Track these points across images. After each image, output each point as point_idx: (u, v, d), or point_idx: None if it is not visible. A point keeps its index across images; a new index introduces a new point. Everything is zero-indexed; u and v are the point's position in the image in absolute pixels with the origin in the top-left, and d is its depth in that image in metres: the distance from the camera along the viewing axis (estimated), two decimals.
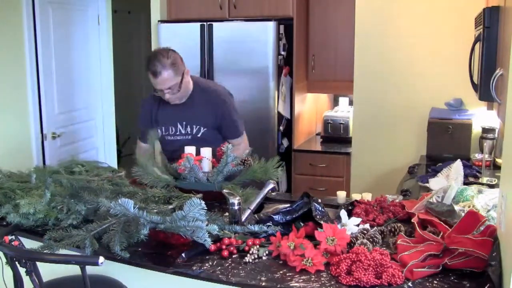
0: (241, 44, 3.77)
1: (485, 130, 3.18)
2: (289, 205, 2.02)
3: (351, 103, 4.03)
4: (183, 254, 1.76)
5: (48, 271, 1.87)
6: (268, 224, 1.93)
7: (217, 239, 1.84)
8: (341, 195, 2.36)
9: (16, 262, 1.69)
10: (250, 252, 1.77)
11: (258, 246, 1.80)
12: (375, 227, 1.93)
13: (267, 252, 1.79)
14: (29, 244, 1.90)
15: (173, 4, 4.08)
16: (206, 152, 2.40)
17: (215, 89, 2.76)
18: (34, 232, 2.02)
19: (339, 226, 1.87)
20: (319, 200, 1.99)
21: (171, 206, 1.93)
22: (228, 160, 2.26)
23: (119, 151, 5.07)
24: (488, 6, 2.15)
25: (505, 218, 1.48)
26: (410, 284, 1.55)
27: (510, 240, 1.41)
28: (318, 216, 1.91)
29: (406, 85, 3.65)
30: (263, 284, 1.60)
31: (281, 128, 3.89)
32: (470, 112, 3.42)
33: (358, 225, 1.94)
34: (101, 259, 1.57)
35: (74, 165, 2.42)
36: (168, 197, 2.05)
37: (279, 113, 3.84)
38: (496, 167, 3.01)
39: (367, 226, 1.93)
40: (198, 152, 2.41)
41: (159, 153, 3.65)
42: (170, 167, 2.39)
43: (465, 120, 3.36)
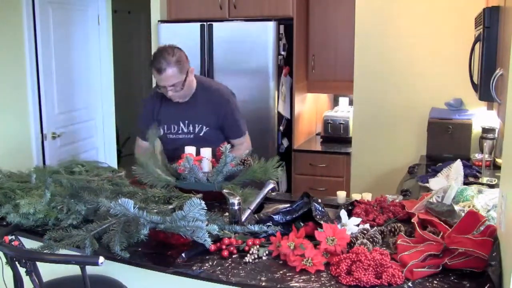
0: (241, 44, 3.77)
1: (485, 130, 3.18)
2: (289, 205, 2.02)
3: (351, 103, 4.03)
4: (183, 254, 1.76)
5: (48, 271, 1.87)
6: (268, 224, 1.93)
7: (217, 239, 1.84)
8: (341, 195, 2.36)
9: (16, 262, 1.69)
10: (250, 252, 1.77)
11: (258, 246, 1.80)
12: (375, 227, 1.93)
13: (267, 252, 1.79)
14: (29, 244, 1.90)
15: (173, 4, 4.08)
16: (206, 152, 2.40)
17: (218, 89, 2.75)
18: (34, 232, 2.02)
19: (339, 226, 1.87)
20: (319, 200, 1.99)
21: (171, 206, 1.93)
22: (228, 160, 2.26)
23: (119, 151, 5.07)
24: (488, 6, 2.15)
25: (505, 218, 1.48)
26: (410, 284, 1.55)
27: (510, 240, 1.41)
28: (318, 216, 1.91)
29: (406, 85, 3.65)
30: (263, 284, 1.60)
31: (281, 128, 3.89)
32: (470, 112, 3.42)
33: (358, 225, 1.94)
34: (101, 259, 1.57)
35: (74, 165, 2.42)
36: (168, 197, 2.05)
37: (279, 113, 3.84)
38: (496, 167, 3.01)
39: (367, 226, 1.93)
40: (199, 152, 2.41)
41: (159, 153, 3.66)
42: (170, 167, 2.39)
43: (465, 120, 3.36)
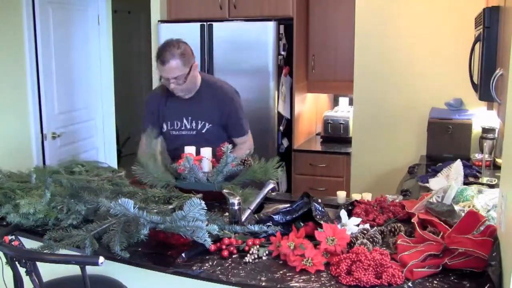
0: (241, 44, 3.77)
1: (485, 130, 3.18)
2: (289, 205, 2.02)
3: (351, 103, 4.03)
4: (183, 254, 1.76)
5: (48, 271, 1.87)
6: (268, 224, 1.93)
7: (217, 239, 1.84)
8: (341, 195, 2.36)
9: (16, 262, 1.69)
10: (250, 252, 1.77)
11: (258, 246, 1.80)
12: (375, 227, 1.93)
13: (267, 252, 1.79)
14: (29, 244, 1.90)
15: (173, 4, 4.08)
16: (206, 152, 2.40)
17: (223, 86, 2.76)
18: (34, 232, 2.02)
19: (339, 226, 1.87)
20: (319, 200, 1.99)
21: (171, 206, 1.93)
22: (228, 160, 2.26)
23: (119, 151, 5.07)
24: (488, 6, 2.15)
25: (505, 218, 1.48)
26: (410, 284, 1.55)
27: (510, 240, 1.40)
28: (318, 216, 1.91)
29: (406, 85, 3.65)
30: (263, 284, 1.60)
31: (281, 128, 3.89)
32: (470, 112, 3.42)
33: (358, 225, 1.94)
34: (101, 259, 1.57)
35: (74, 165, 2.42)
36: (168, 197, 2.05)
37: (279, 113, 3.84)
38: (496, 167, 3.01)
39: (367, 226, 1.93)
40: (199, 150, 2.41)
41: (160, 153, 3.66)
42: (170, 167, 2.39)
43: (465, 120, 3.36)
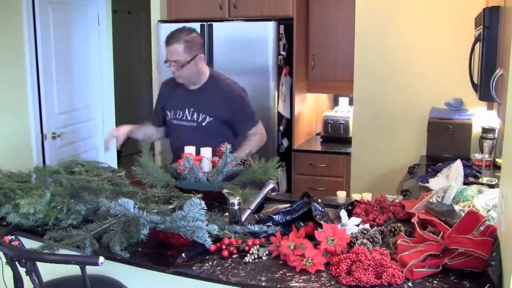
0: (241, 44, 3.77)
1: (485, 130, 3.18)
2: (289, 205, 2.02)
3: (351, 103, 4.03)
4: (183, 254, 1.76)
5: (48, 271, 1.87)
6: (268, 224, 1.93)
7: (217, 239, 1.84)
8: (341, 195, 2.36)
9: (16, 262, 1.69)
10: (250, 252, 1.77)
11: (258, 246, 1.80)
12: (375, 227, 1.93)
13: (267, 252, 1.79)
14: (29, 244, 1.90)
15: (173, 4, 4.08)
16: (206, 152, 2.40)
17: (229, 84, 2.80)
18: (34, 232, 2.02)
19: (339, 226, 1.87)
20: (319, 200, 1.99)
21: (171, 206, 1.93)
22: (228, 160, 2.26)
23: (119, 151, 5.06)
24: (488, 6, 2.15)
25: (505, 218, 1.48)
26: (410, 284, 1.55)
27: (510, 240, 1.41)
28: (318, 216, 1.91)
29: (406, 85, 3.65)
30: (263, 284, 1.60)
31: (281, 128, 3.89)
32: (470, 112, 3.42)
33: (358, 225, 1.94)
34: (101, 259, 1.57)
35: (74, 165, 2.42)
36: (168, 197, 2.05)
37: (279, 113, 3.84)
38: (496, 167, 3.01)
39: (367, 226, 1.93)
40: (199, 142, 2.45)
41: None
42: (170, 167, 2.39)
43: (465, 120, 3.36)
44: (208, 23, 3.82)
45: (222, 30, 3.80)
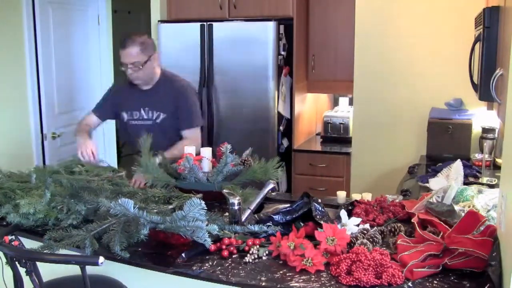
0: (241, 44, 3.77)
1: (485, 130, 3.18)
2: (289, 205, 2.02)
3: (351, 103, 4.03)
4: (183, 254, 1.76)
5: (48, 271, 1.87)
6: (268, 224, 1.93)
7: (217, 239, 1.84)
8: (341, 195, 2.36)
9: (16, 262, 1.69)
10: (250, 252, 1.77)
11: (258, 246, 1.80)
12: (375, 227, 1.93)
13: (267, 252, 1.79)
14: (29, 244, 1.90)
15: (173, 4, 4.08)
16: (206, 152, 2.40)
17: (179, 80, 2.92)
18: (34, 232, 2.02)
19: (339, 226, 1.87)
20: (319, 200, 1.99)
21: (171, 206, 1.93)
22: (228, 160, 2.26)
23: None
24: (488, 6, 2.14)
25: (505, 218, 1.48)
26: (410, 284, 1.55)
27: (510, 240, 1.41)
28: (318, 216, 1.91)
29: (406, 85, 3.65)
30: (263, 284, 1.60)
31: (281, 128, 3.89)
32: (470, 112, 3.42)
33: (358, 225, 1.94)
34: (101, 259, 1.57)
35: (74, 165, 2.43)
36: (168, 197, 2.05)
37: (279, 113, 3.84)
38: (496, 167, 3.01)
39: (367, 226, 1.93)
40: (157, 139, 2.48)
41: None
42: (170, 167, 2.39)
43: (465, 120, 3.36)
44: (208, 23, 3.82)
45: (222, 30, 3.80)
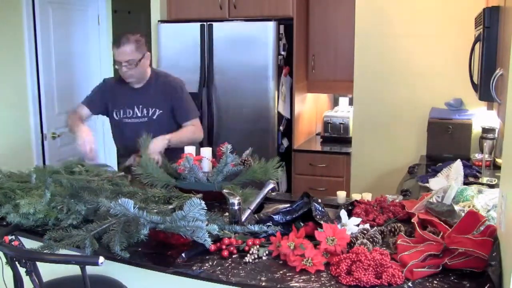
0: (241, 44, 3.77)
1: (485, 130, 3.18)
2: (289, 205, 2.02)
3: (351, 103, 4.03)
4: (183, 254, 1.76)
5: (48, 271, 1.87)
6: (268, 224, 1.93)
7: (217, 239, 1.83)
8: (341, 195, 2.36)
9: (16, 262, 1.69)
10: (250, 252, 1.77)
11: (258, 246, 1.80)
12: (375, 227, 1.93)
13: (267, 252, 1.79)
14: (29, 244, 1.90)
15: (173, 4, 4.08)
16: (206, 152, 2.40)
17: (169, 76, 2.95)
18: (34, 232, 2.01)
19: (339, 226, 1.87)
20: (319, 200, 1.99)
21: (171, 206, 1.93)
22: (228, 160, 2.26)
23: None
24: (488, 6, 2.15)
25: (505, 218, 1.48)
26: (410, 284, 1.55)
27: (510, 240, 1.41)
28: (318, 216, 1.91)
29: (406, 85, 3.65)
30: (263, 284, 1.60)
31: (281, 128, 3.89)
32: (470, 112, 3.42)
33: (358, 225, 1.94)
34: (101, 259, 1.57)
35: (74, 165, 2.42)
36: (168, 197, 2.05)
37: (279, 113, 3.84)
38: (496, 167, 3.01)
39: (367, 226, 1.93)
40: (155, 135, 2.60)
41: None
42: (170, 167, 2.39)
43: (465, 120, 3.36)
44: (208, 23, 3.82)
45: (222, 30, 3.80)
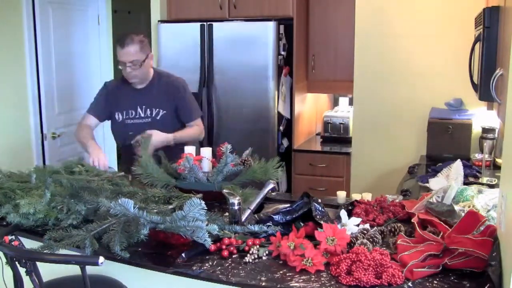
0: (241, 44, 3.77)
1: (485, 130, 3.18)
2: (289, 205, 2.02)
3: (351, 103, 4.03)
4: (183, 254, 1.76)
5: (48, 271, 1.87)
6: (268, 224, 1.93)
7: (217, 239, 1.83)
8: (341, 195, 2.36)
9: (16, 262, 1.69)
10: (250, 252, 1.77)
11: (258, 246, 1.80)
12: (375, 227, 1.93)
13: (267, 252, 1.79)
14: (29, 244, 1.90)
15: (173, 4, 4.08)
16: (206, 152, 2.40)
17: (171, 76, 2.95)
18: (34, 232, 2.02)
19: (339, 226, 1.87)
20: (319, 200, 1.99)
21: (171, 206, 1.93)
22: (228, 160, 2.26)
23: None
24: (488, 6, 2.15)
25: (505, 218, 1.48)
26: (410, 284, 1.55)
27: (510, 240, 1.41)
28: (318, 216, 1.91)
29: (406, 85, 3.65)
30: (263, 284, 1.60)
31: (281, 128, 3.89)
32: (470, 112, 3.42)
33: (358, 225, 1.94)
34: (101, 259, 1.57)
35: (74, 165, 2.43)
36: (168, 197, 2.05)
37: (279, 113, 3.84)
38: (496, 167, 3.01)
39: (367, 226, 1.93)
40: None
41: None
42: (170, 167, 2.39)
43: (465, 120, 3.36)
44: (208, 23, 3.82)
45: (222, 30, 3.80)
